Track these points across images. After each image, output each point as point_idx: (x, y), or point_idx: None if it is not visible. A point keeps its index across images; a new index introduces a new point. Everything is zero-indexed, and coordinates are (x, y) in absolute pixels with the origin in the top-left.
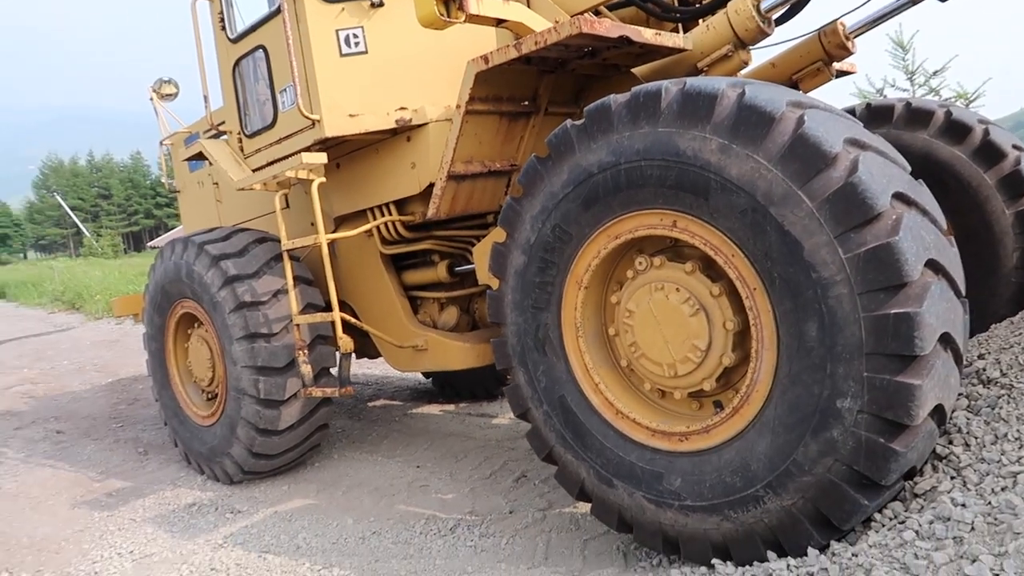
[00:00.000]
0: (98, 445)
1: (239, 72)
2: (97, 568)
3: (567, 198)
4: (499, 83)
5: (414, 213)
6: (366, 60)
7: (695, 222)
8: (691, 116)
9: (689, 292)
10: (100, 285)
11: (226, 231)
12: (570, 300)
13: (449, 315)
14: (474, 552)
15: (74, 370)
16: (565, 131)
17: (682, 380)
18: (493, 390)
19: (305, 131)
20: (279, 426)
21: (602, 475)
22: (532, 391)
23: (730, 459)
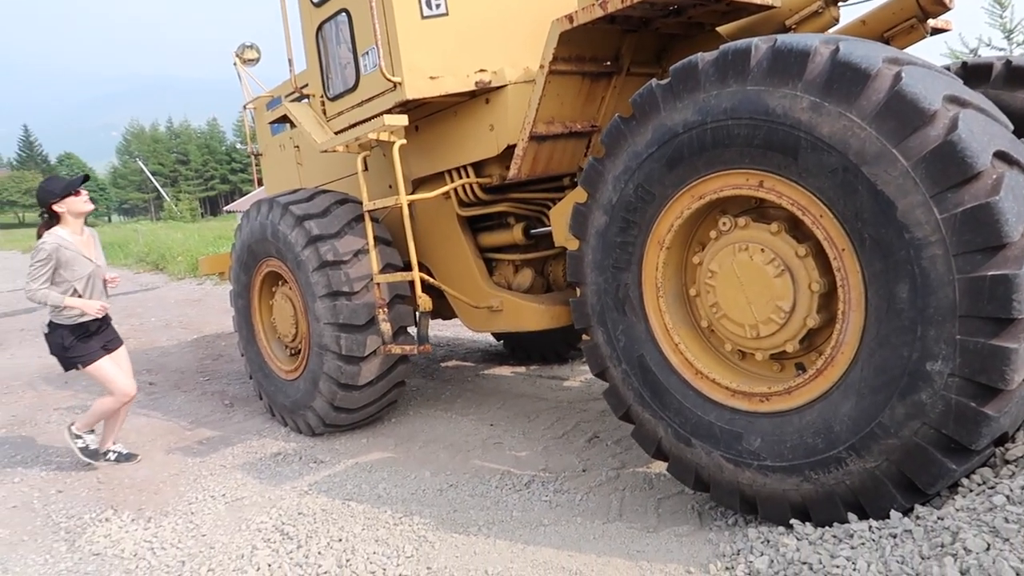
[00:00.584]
0: (187, 397)
1: (322, 36)
2: (193, 509)
3: (651, 158)
4: (582, 43)
5: (491, 175)
6: (447, 22)
7: (783, 182)
8: (782, 74)
9: (774, 253)
10: (181, 247)
11: (309, 192)
12: (651, 260)
13: (524, 277)
14: (549, 507)
15: (162, 326)
16: (650, 90)
17: (764, 341)
18: (564, 353)
19: (386, 93)
20: (359, 381)
21: (680, 434)
22: (611, 350)
23: (812, 420)
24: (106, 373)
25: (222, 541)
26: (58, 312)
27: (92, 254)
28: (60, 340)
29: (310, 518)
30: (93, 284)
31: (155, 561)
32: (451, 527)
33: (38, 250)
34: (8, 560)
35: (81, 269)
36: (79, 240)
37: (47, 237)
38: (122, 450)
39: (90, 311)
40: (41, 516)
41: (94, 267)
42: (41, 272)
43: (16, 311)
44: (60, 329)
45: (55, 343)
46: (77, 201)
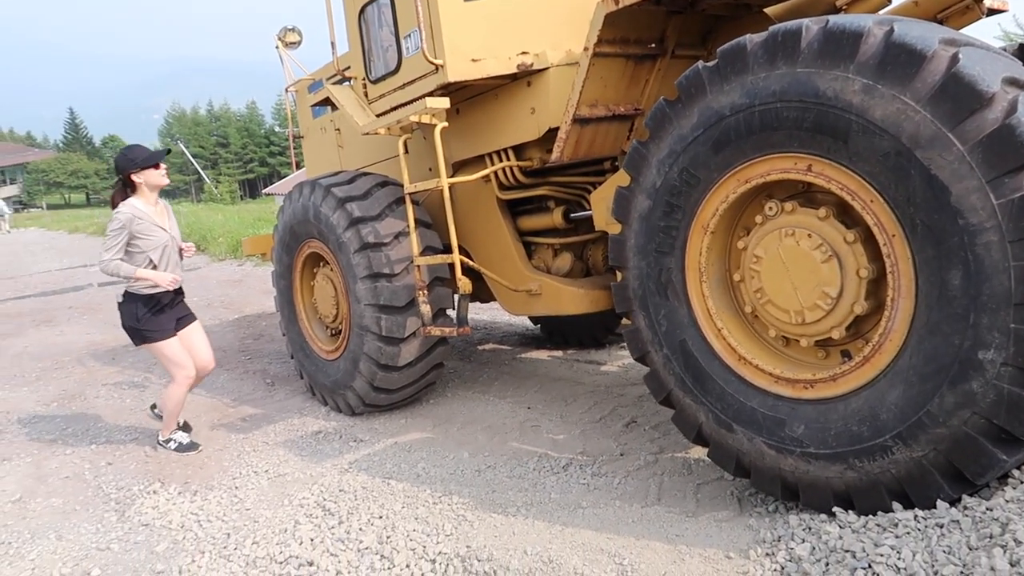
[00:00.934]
0: (230, 375)
1: (364, 18)
2: (237, 483)
3: (696, 141)
4: (627, 24)
5: (532, 158)
6: (489, 4)
7: (832, 166)
8: (833, 55)
9: (822, 238)
10: (222, 228)
11: (351, 174)
12: (695, 245)
13: (563, 261)
14: (587, 489)
15: (204, 306)
16: (696, 73)
17: (810, 328)
18: (601, 338)
19: (428, 76)
20: (399, 362)
21: (721, 419)
22: (652, 335)
23: (858, 408)
24: (172, 354)
25: (266, 515)
26: (132, 283)
27: (166, 224)
28: (134, 311)
29: (351, 495)
30: (168, 255)
31: (201, 533)
32: (490, 507)
33: (113, 220)
34: (62, 528)
35: (156, 239)
36: (153, 210)
37: (122, 207)
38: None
39: (162, 283)
40: (92, 487)
41: (168, 237)
42: (115, 242)
43: (65, 289)
44: (134, 300)
45: (128, 314)
46: (156, 174)
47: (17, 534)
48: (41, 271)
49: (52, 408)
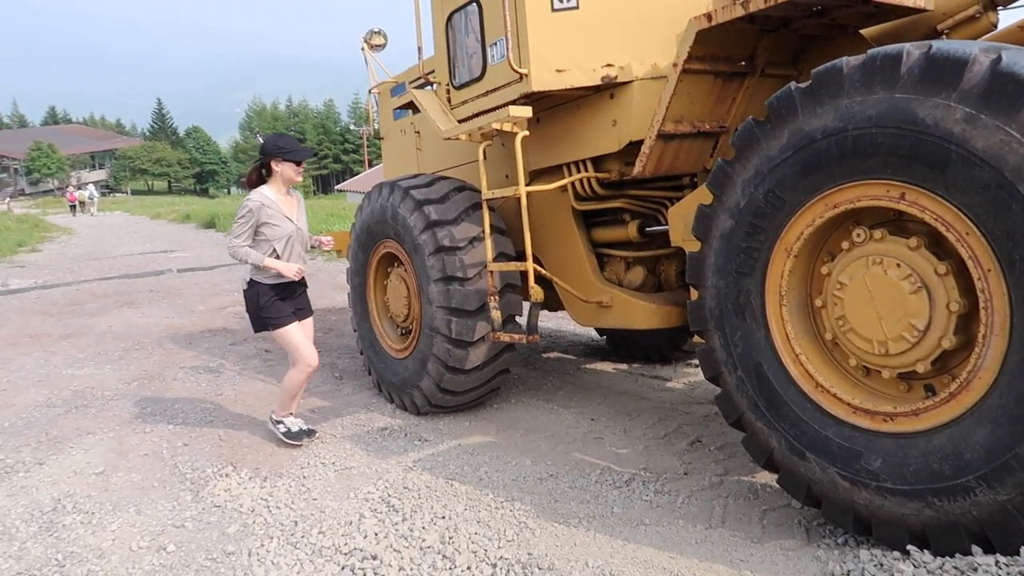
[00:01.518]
0: None
1: (452, 25)
2: (305, 473)
3: (784, 163)
4: (718, 42)
5: (610, 170)
6: (576, 15)
7: (927, 195)
8: (934, 82)
9: (911, 268)
10: None
11: (429, 178)
12: (777, 267)
13: (635, 274)
14: (650, 506)
15: None
16: (788, 93)
17: (893, 359)
18: (668, 354)
19: (512, 84)
20: (466, 365)
21: (794, 447)
22: (727, 355)
23: (940, 445)
24: (295, 340)
25: (332, 506)
26: (257, 270)
27: (294, 215)
28: (256, 298)
29: (415, 493)
30: (292, 246)
31: (270, 518)
32: (551, 516)
33: (242, 206)
34: (141, 502)
35: (282, 229)
36: (283, 200)
37: (252, 195)
38: (303, 425)
39: (288, 273)
40: (169, 466)
41: (295, 228)
42: (243, 229)
43: (146, 272)
44: (258, 286)
45: (251, 300)
46: (293, 169)
47: (100, 505)
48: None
49: (133, 387)
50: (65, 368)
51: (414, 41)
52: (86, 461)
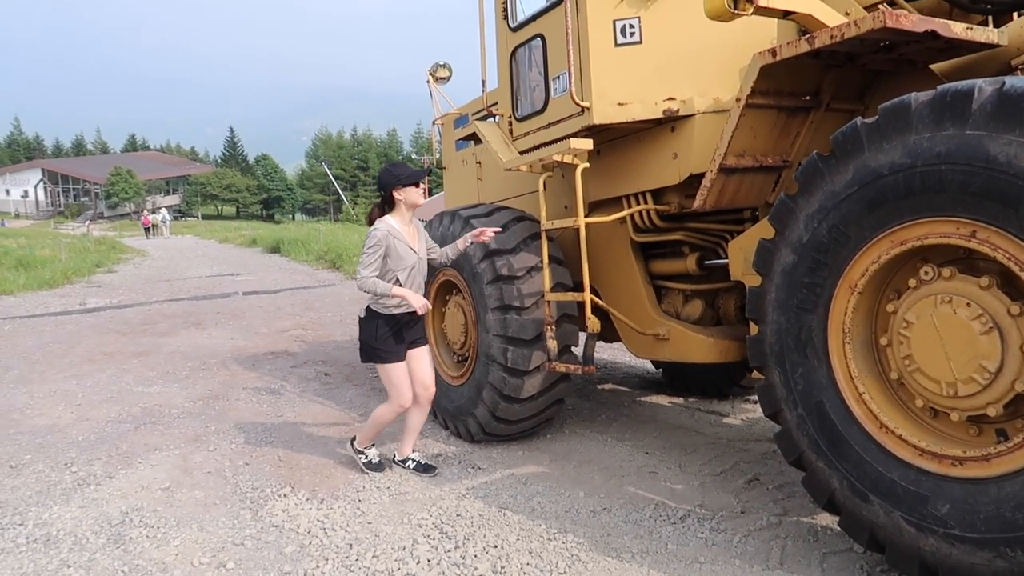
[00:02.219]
0: (358, 390)
1: (516, 59)
2: (361, 496)
3: (849, 199)
4: (782, 77)
5: (670, 203)
6: (639, 50)
7: (999, 234)
8: (1008, 119)
9: (982, 308)
10: (357, 248)
11: (489, 207)
12: (840, 304)
13: (693, 308)
14: (705, 544)
15: (336, 321)
16: (854, 129)
17: (962, 401)
18: (725, 389)
19: (574, 117)
20: (521, 394)
21: (857, 488)
22: (787, 392)
23: (1013, 493)
24: (398, 379)
25: (386, 531)
26: (376, 300)
27: (417, 245)
28: (374, 329)
29: (468, 521)
30: (414, 277)
31: (326, 540)
32: (604, 550)
33: (370, 236)
34: (203, 519)
35: (406, 260)
36: (407, 230)
37: (379, 224)
38: (421, 459)
39: (415, 304)
40: (231, 484)
41: (417, 259)
42: (372, 259)
43: (213, 295)
44: (377, 318)
45: (368, 331)
46: (415, 192)
47: (164, 520)
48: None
49: (199, 406)
50: (136, 385)
51: (478, 74)
52: (153, 476)
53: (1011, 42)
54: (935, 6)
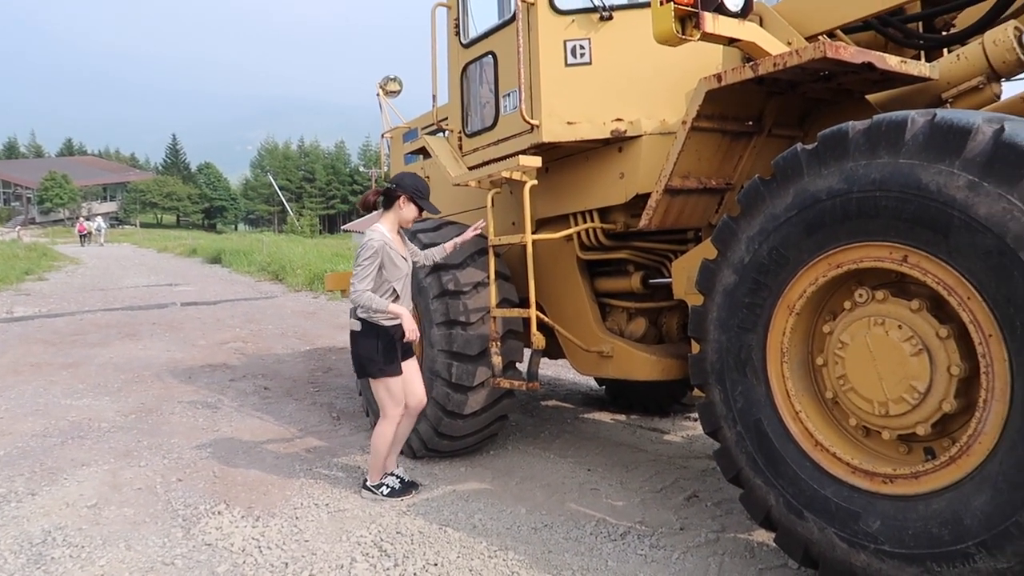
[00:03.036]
0: (298, 405)
1: (467, 75)
2: (298, 513)
3: (789, 222)
4: (726, 102)
5: (616, 222)
6: (589, 71)
7: (929, 259)
8: (938, 149)
9: (912, 330)
10: (301, 260)
11: (437, 222)
12: (779, 324)
13: (637, 325)
14: (644, 561)
15: (278, 335)
16: (795, 154)
17: (893, 420)
18: (666, 406)
19: (523, 135)
20: (465, 410)
21: (792, 505)
22: (727, 410)
23: (940, 510)
24: (395, 391)
25: (323, 549)
26: (371, 314)
27: (406, 254)
28: (374, 343)
29: (408, 538)
30: (407, 287)
31: (261, 559)
32: (545, 567)
33: (365, 247)
34: (132, 538)
35: (401, 270)
36: (396, 239)
37: (373, 234)
38: (404, 476)
39: (407, 328)
40: (162, 501)
41: (409, 267)
42: (368, 271)
43: (150, 305)
44: (374, 332)
45: (368, 346)
46: (414, 211)
47: (90, 539)
48: (130, 286)
49: (130, 420)
50: (64, 398)
51: (428, 88)
52: (79, 493)
53: (941, 76)
54: (871, 40)
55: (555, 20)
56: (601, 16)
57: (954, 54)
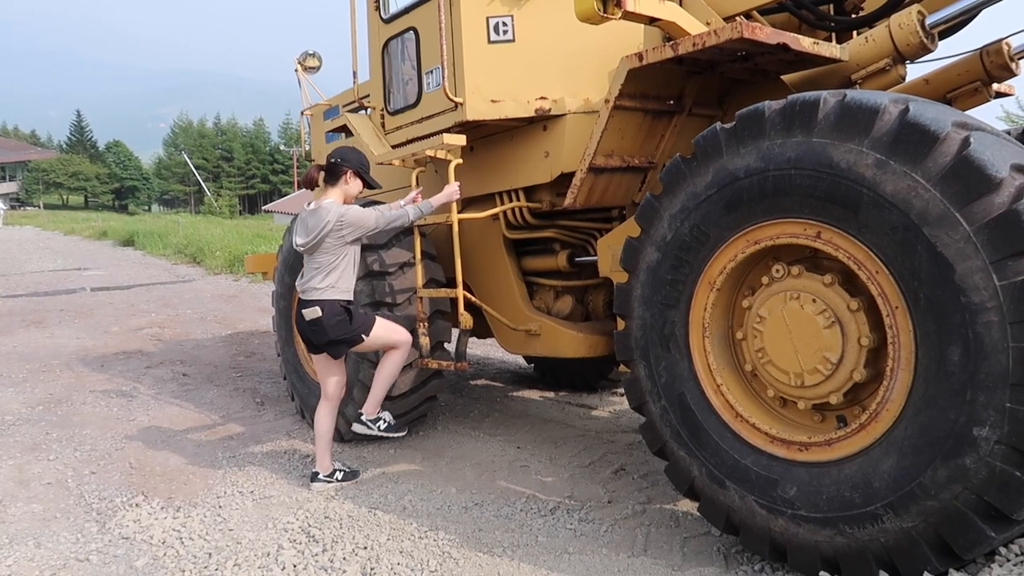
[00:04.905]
0: (220, 391)
1: (388, 52)
2: (222, 502)
3: (709, 200)
4: (648, 81)
5: (542, 201)
6: (512, 48)
7: (840, 235)
8: (849, 129)
9: (825, 304)
10: (220, 242)
11: (362, 201)
12: (700, 300)
13: (564, 303)
14: (574, 535)
15: (196, 319)
16: (714, 133)
17: (808, 391)
18: (594, 382)
19: (447, 112)
20: (392, 392)
21: (714, 475)
22: (651, 385)
23: (851, 474)
24: (387, 324)
25: (248, 537)
26: (327, 289)
27: None
28: (344, 320)
29: (336, 523)
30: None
31: (182, 551)
32: (476, 546)
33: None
34: (41, 535)
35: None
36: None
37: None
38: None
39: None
40: (75, 495)
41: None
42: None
43: (57, 291)
44: (336, 308)
45: (339, 325)
46: (359, 187)
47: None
48: (34, 271)
49: (38, 412)
50: None
51: (349, 64)
52: None
53: (851, 58)
54: (786, 21)
55: None
56: None
57: (863, 36)
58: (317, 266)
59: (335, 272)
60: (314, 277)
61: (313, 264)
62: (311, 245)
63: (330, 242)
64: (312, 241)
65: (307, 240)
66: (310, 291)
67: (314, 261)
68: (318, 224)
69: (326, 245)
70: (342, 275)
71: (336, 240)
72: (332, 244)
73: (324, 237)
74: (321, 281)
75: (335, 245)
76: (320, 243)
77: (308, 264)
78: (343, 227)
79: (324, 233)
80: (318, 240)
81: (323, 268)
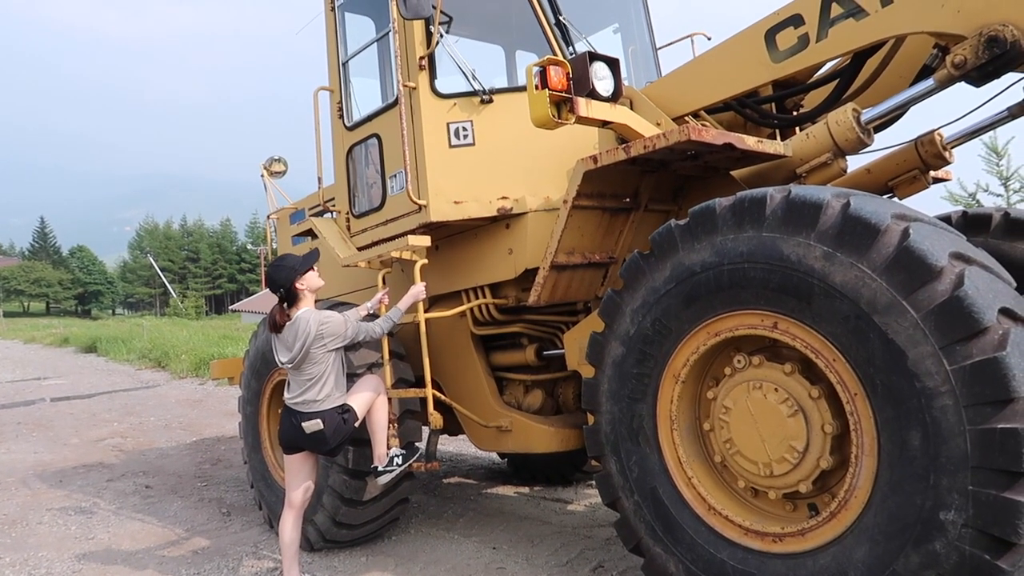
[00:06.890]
0: (184, 503)
1: (352, 157)
2: None
3: (668, 294)
4: (604, 181)
5: (507, 297)
6: (472, 151)
7: (796, 325)
8: (796, 223)
9: (787, 393)
10: (186, 345)
11: (327, 303)
12: (666, 393)
13: (534, 398)
14: None
15: (161, 427)
16: (669, 230)
17: (778, 480)
18: (568, 475)
19: (411, 214)
20: (363, 497)
21: (692, 571)
22: (624, 480)
23: (826, 564)
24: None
25: None
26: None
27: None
28: (340, 423)
29: None
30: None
31: None
32: None
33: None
34: None
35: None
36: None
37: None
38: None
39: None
40: None
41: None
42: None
43: (15, 403)
44: (334, 413)
45: (338, 429)
46: (314, 276)
47: None
48: None
49: None
50: None
51: (312, 164)
52: None
53: (795, 153)
54: (732, 119)
55: (437, 103)
56: (482, 99)
57: (804, 133)
58: (309, 378)
59: (330, 381)
60: (309, 390)
61: (304, 377)
62: (298, 359)
63: (315, 352)
64: (297, 355)
65: (292, 355)
66: (308, 404)
67: (304, 374)
68: (298, 337)
69: (313, 355)
70: (336, 381)
71: (320, 349)
72: (318, 354)
73: (308, 348)
74: (319, 393)
75: (321, 353)
76: (307, 355)
77: (297, 378)
78: (323, 336)
79: (308, 344)
80: (303, 352)
81: (316, 379)
